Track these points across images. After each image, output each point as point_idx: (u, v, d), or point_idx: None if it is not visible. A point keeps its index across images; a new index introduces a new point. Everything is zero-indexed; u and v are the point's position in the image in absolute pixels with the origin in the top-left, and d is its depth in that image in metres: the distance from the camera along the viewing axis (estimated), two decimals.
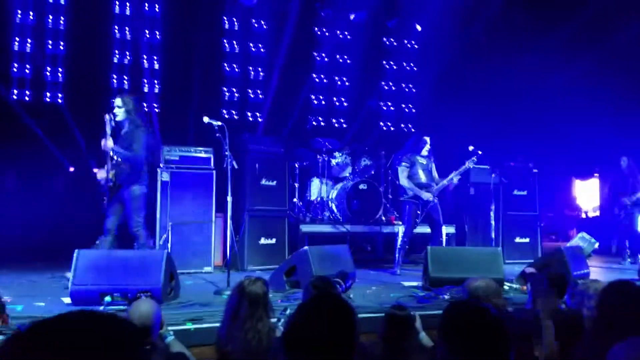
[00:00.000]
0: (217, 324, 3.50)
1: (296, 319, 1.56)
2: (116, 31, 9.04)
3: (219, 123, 5.31)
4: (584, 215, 12.55)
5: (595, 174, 12.14)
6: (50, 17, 8.74)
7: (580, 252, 6.47)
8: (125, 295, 4.12)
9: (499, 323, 1.63)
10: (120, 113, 5.43)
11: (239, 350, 2.62)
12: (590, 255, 8.16)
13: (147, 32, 9.17)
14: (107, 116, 5.35)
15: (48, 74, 8.69)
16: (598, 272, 6.93)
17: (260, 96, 9.96)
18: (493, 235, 8.22)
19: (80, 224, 7.63)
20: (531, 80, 9.68)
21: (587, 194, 12.76)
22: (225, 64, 9.76)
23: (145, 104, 9.12)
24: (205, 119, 5.32)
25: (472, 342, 1.57)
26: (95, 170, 5.40)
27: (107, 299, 4.13)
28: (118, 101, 5.51)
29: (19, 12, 8.52)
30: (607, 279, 3.82)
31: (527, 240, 8.48)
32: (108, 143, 5.26)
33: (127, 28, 9.10)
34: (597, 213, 12.05)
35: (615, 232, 9.11)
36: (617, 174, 8.77)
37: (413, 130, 10.93)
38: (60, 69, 8.76)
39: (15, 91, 8.49)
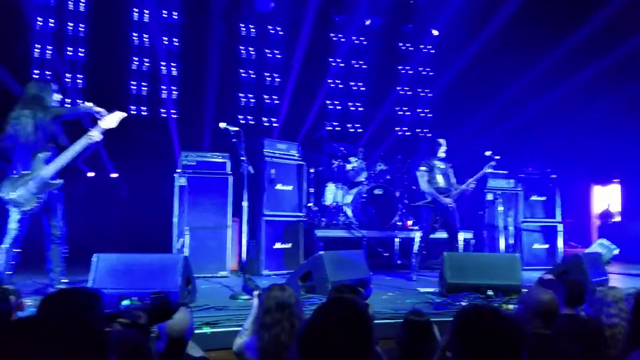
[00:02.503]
0: (233, 328, 3.53)
1: (312, 323, 1.56)
2: (135, 38, 9.17)
3: (236, 128, 5.36)
4: (599, 222, 12.34)
5: (615, 180, 11.94)
6: (70, 24, 8.89)
7: (599, 258, 6.37)
8: (144, 299, 4.16)
9: (514, 326, 1.62)
10: None
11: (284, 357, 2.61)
12: (610, 261, 8.03)
13: (165, 39, 9.28)
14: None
15: (68, 80, 8.84)
16: (617, 279, 6.80)
17: (276, 101, 10.02)
18: (511, 242, 8.15)
19: (99, 229, 7.74)
20: (549, 84, 9.58)
21: (606, 200, 12.56)
22: (242, 70, 9.84)
23: (163, 110, 9.25)
24: (222, 125, 5.37)
25: (487, 346, 1.56)
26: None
27: (126, 302, 4.17)
28: None
29: (39, 19, 8.68)
30: (626, 286, 3.77)
31: (546, 246, 8.37)
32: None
33: (145, 35, 9.23)
34: (618, 219, 11.85)
35: None
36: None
37: (429, 135, 10.89)
38: (79, 75, 8.91)
39: None
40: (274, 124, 9.92)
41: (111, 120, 4.90)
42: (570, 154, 9.98)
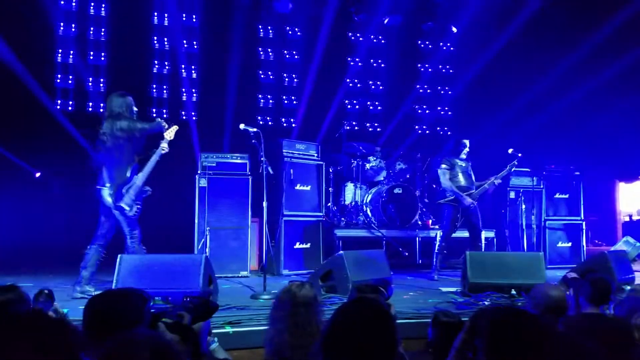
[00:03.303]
0: (255, 328, 3.55)
1: (335, 323, 1.56)
2: (155, 42, 9.29)
3: (255, 129, 5.39)
4: (627, 219, 12.08)
5: None
6: (92, 29, 9.04)
7: (624, 256, 6.25)
8: (167, 298, 4.22)
9: (544, 328, 1.60)
10: None
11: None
12: (636, 259, 7.86)
13: (185, 42, 9.38)
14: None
15: (90, 84, 8.98)
16: None
17: (295, 102, 10.04)
18: (534, 240, 8.04)
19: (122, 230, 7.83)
20: (572, 80, 9.40)
21: (632, 197, 12.29)
22: (261, 72, 9.89)
23: (183, 112, 9.34)
24: (242, 126, 5.41)
25: (515, 345, 1.55)
26: None
27: None
28: None
29: (62, 24, 8.85)
30: None
31: (570, 244, 8.24)
32: None
33: (165, 39, 9.33)
34: None
35: None
36: None
37: (449, 133, 10.80)
38: (102, 79, 9.05)
39: (59, 101, 8.81)
40: (292, 125, 9.94)
41: (172, 132, 5.38)
42: (594, 151, 9.79)
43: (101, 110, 8.97)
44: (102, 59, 9.07)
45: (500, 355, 1.57)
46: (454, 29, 10.50)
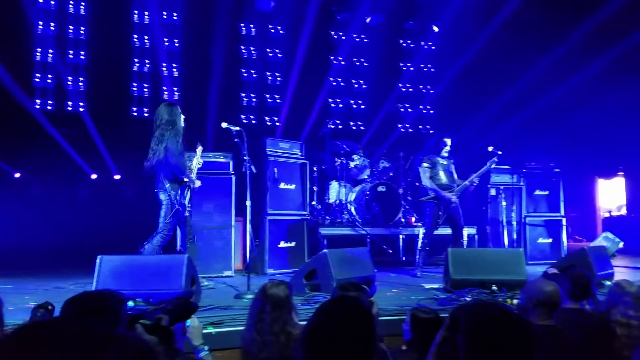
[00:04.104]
0: (238, 328, 3.53)
1: (315, 321, 1.56)
2: (135, 40, 9.19)
3: (237, 128, 5.36)
4: (607, 215, 12.31)
5: (620, 172, 11.90)
6: (71, 27, 8.92)
7: (604, 252, 6.34)
8: (148, 300, 4.18)
9: (526, 323, 1.62)
10: None
11: (275, 355, 2.61)
12: (615, 255, 7.99)
13: (166, 40, 9.30)
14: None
15: (70, 83, 8.86)
16: (623, 272, 6.78)
17: (278, 101, 10.02)
18: (515, 236, 8.14)
19: (103, 230, 7.77)
20: (551, 79, 9.54)
21: (611, 193, 12.52)
22: (243, 70, 9.84)
23: None
24: (224, 125, 5.37)
25: (498, 342, 1.56)
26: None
27: (130, 304, 4.18)
28: None
29: (40, 23, 8.71)
30: (635, 280, 3.73)
31: (550, 240, 8.36)
32: None
33: (146, 37, 9.24)
34: (623, 212, 11.80)
35: None
36: None
37: (431, 131, 10.88)
38: (81, 78, 8.93)
39: (38, 101, 8.68)
40: (276, 123, 9.92)
41: (200, 151, 5.89)
42: (573, 148, 9.95)
43: (81, 109, 8.87)
44: (82, 57, 8.95)
45: (479, 351, 1.59)
46: (435, 28, 10.57)
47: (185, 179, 5.41)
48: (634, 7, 8.61)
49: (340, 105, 10.53)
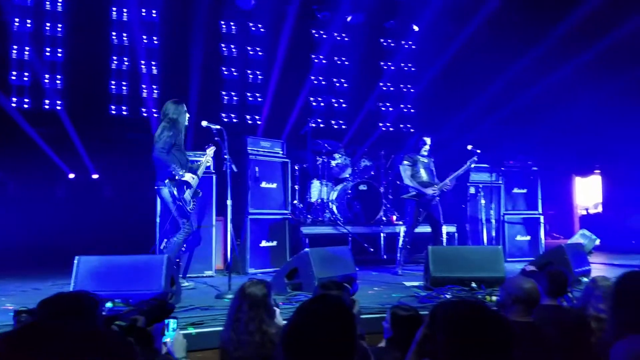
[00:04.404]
0: (219, 328, 3.51)
1: (295, 320, 1.56)
2: (114, 37, 9.06)
3: (218, 126, 5.32)
4: (584, 212, 12.53)
5: (596, 171, 12.12)
6: (48, 24, 8.76)
7: (581, 249, 6.45)
8: (127, 300, 4.13)
9: (502, 319, 1.64)
10: None
11: (251, 354, 2.60)
12: (592, 252, 8.14)
13: (144, 37, 9.19)
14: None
15: (47, 81, 8.71)
16: (600, 269, 6.91)
17: (259, 99, 9.98)
18: (494, 234, 8.24)
19: (81, 230, 7.65)
20: (529, 78, 9.67)
21: (588, 191, 12.74)
22: (224, 68, 9.78)
23: (144, 109, 9.16)
24: (204, 123, 5.33)
25: (474, 338, 1.58)
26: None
27: (109, 305, 4.13)
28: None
29: (17, 20, 8.53)
30: (611, 276, 3.81)
31: (528, 238, 8.48)
32: None
33: (124, 34, 9.12)
34: (599, 210, 12.03)
35: None
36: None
37: (412, 130, 10.95)
38: (58, 76, 8.78)
39: (14, 99, 8.51)
40: (257, 122, 9.88)
41: (211, 150, 5.91)
42: (551, 147, 10.10)
43: (58, 107, 8.73)
44: (59, 55, 8.80)
45: (456, 348, 1.60)
46: (415, 28, 10.64)
47: (173, 172, 5.33)
48: (610, 6, 8.77)
49: (322, 104, 10.53)
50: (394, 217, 8.51)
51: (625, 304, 2.49)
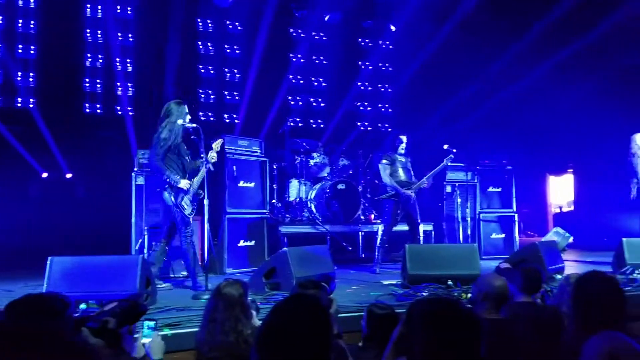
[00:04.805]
0: (195, 329, 3.47)
1: (270, 320, 1.55)
2: (88, 34, 8.90)
3: (194, 125, 5.26)
4: (557, 210, 12.78)
5: (569, 170, 12.36)
6: (20, 21, 8.56)
7: (554, 246, 6.57)
8: (101, 302, 4.06)
9: (472, 316, 1.66)
10: None
11: (224, 355, 2.58)
12: (565, 249, 8.30)
13: (119, 34, 9.05)
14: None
15: (19, 78, 8.51)
16: (573, 266, 7.05)
17: (237, 98, 9.91)
18: (469, 232, 8.35)
19: (54, 230, 7.51)
20: (504, 79, 9.81)
21: (561, 190, 13.00)
22: (201, 66, 9.68)
23: (118, 107, 9.02)
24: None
25: (444, 335, 1.60)
26: None
27: (82, 306, 4.07)
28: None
29: None
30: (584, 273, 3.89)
31: (503, 236, 8.61)
32: None
33: (99, 31, 8.97)
34: (572, 208, 12.27)
35: None
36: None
37: (390, 129, 11.01)
38: (31, 74, 8.59)
39: None
40: (235, 121, 9.81)
41: (218, 144, 5.69)
42: (525, 146, 10.27)
43: (31, 105, 8.53)
44: (32, 52, 8.60)
45: (427, 344, 1.62)
46: (393, 28, 10.70)
47: (167, 180, 5.24)
48: (583, 7, 8.95)
49: (300, 103, 10.52)
50: (372, 216, 8.55)
51: (584, 304, 2.55)
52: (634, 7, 8.61)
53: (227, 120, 9.80)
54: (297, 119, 10.31)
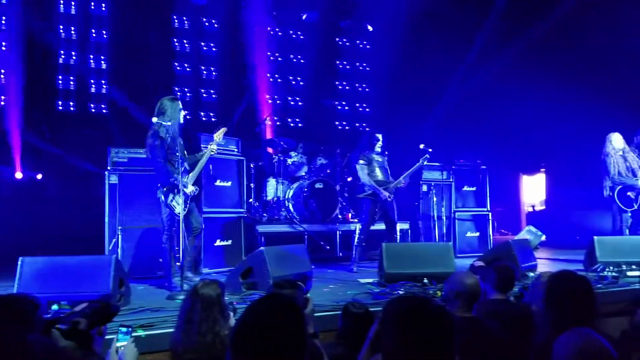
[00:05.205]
0: (170, 330, 3.43)
1: (243, 320, 1.54)
2: (61, 31, 8.72)
3: (169, 123, 5.20)
4: (530, 209, 13.02)
5: (542, 169, 12.60)
6: None
7: (527, 244, 6.67)
8: (73, 302, 3.99)
9: (443, 314, 1.68)
10: None
11: (200, 356, 2.56)
12: (538, 247, 8.45)
13: (93, 31, 8.89)
14: None
15: None
16: (545, 264, 7.18)
17: (214, 96, 9.83)
18: (445, 231, 8.44)
19: (25, 231, 7.34)
20: (479, 79, 9.95)
21: (534, 189, 13.24)
22: (176, 63, 9.57)
23: (92, 105, 8.87)
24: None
25: (416, 332, 1.61)
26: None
27: (55, 307, 4.00)
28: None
29: None
30: (555, 271, 3.97)
31: (478, 234, 8.73)
32: None
33: (72, 27, 8.79)
34: (544, 207, 12.52)
35: None
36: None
37: (368, 129, 11.07)
38: (2, 70, 8.39)
39: None
40: (212, 119, 9.73)
41: (220, 134, 5.70)
42: (499, 146, 10.43)
43: (2, 103, 8.32)
44: (3, 48, 8.39)
45: (397, 341, 1.63)
46: (370, 28, 10.75)
47: (174, 182, 5.16)
48: (553, 7, 9.13)
49: (278, 102, 10.49)
50: (350, 215, 8.58)
51: (556, 302, 2.60)
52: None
53: (204, 119, 9.71)
54: (275, 118, 10.29)
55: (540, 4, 9.22)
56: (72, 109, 8.74)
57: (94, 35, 8.89)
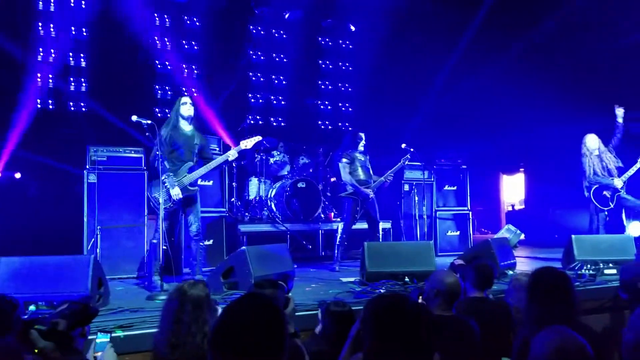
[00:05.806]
0: (148, 330, 3.40)
1: (222, 320, 1.53)
2: (40, 28, 8.56)
3: (149, 121, 5.13)
4: (510, 208, 13.19)
5: (521, 169, 12.78)
6: None
7: (506, 243, 6.76)
8: (51, 303, 3.93)
9: (420, 311, 1.69)
10: None
11: (190, 357, 2.54)
12: (517, 245, 8.56)
13: (73, 29, 8.74)
14: None
15: None
16: (524, 262, 7.28)
17: (195, 94, 9.75)
18: (426, 230, 8.52)
19: (2, 231, 7.20)
20: (460, 79, 10.04)
21: (513, 188, 13.42)
22: (158, 61, 9.47)
23: (71, 103, 8.73)
24: (134, 118, 5.13)
25: (393, 329, 1.62)
26: None
27: (32, 308, 3.93)
28: None
29: None
30: (533, 269, 4.03)
31: (458, 233, 8.84)
32: None
33: (51, 25, 8.63)
34: (523, 206, 12.69)
35: None
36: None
37: (350, 128, 11.10)
38: None
39: None
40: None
41: (250, 142, 5.72)
42: (479, 146, 10.55)
43: None
44: None
45: (375, 338, 1.64)
46: (352, 28, 10.78)
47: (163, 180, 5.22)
48: (531, 8, 9.24)
49: (261, 101, 10.45)
50: (332, 214, 8.59)
51: (538, 298, 2.64)
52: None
53: None
54: (257, 117, 10.25)
55: (521, 6, 9.33)
56: (50, 107, 8.59)
57: (73, 33, 8.74)
